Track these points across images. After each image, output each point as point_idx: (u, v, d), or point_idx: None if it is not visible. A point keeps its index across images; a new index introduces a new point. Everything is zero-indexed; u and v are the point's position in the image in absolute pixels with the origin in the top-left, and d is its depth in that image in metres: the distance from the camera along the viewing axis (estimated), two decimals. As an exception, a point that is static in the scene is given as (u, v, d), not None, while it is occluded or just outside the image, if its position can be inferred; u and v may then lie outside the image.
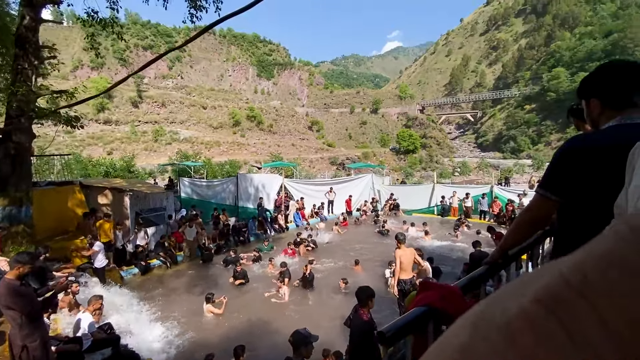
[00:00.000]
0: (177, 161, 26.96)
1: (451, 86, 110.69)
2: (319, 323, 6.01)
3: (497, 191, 15.28)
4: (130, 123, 48.92)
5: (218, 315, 6.38)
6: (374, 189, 17.77)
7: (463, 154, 68.52)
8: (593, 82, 1.25)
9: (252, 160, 44.32)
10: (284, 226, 13.70)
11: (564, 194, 1.20)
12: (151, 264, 9.33)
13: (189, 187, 13.15)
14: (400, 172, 47.68)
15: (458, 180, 43.01)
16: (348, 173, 33.70)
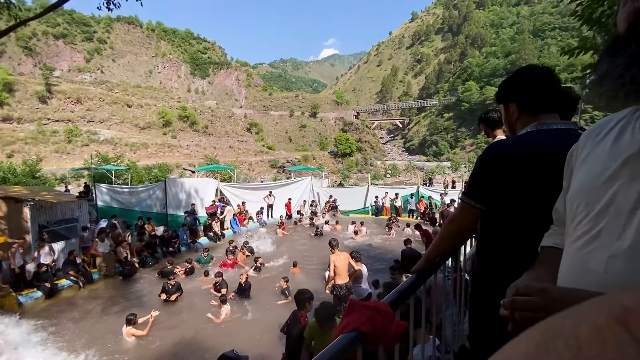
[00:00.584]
0: (95, 165, 23.86)
1: (382, 94, 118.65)
2: (257, 335, 5.86)
3: (423, 191, 16.79)
4: (37, 121, 41.93)
5: (141, 337, 5.77)
6: (313, 192, 18.06)
7: (393, 157, 73.90)
8: (511, 86, 1.25)
9: (185, 164, 41.48)
10: (220, 233, 13.07)
11: (487, 201, 1.17)
12: (59, 284, 8.08)
13: (107, 194, 11.70)
14: (338, 174, 49.31)
15: (390, 181, 46.14)
16: (288, 176, 33.68)
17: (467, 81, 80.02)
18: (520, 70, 1.27)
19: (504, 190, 1.12)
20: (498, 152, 1.16)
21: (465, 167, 44.24)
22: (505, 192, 1.12)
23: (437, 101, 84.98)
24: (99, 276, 8.84)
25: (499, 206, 1.15)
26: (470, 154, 62.33)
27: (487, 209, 1.17)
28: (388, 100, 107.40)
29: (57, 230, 9.85)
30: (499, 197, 1.13)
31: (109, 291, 8.26)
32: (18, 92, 43.31)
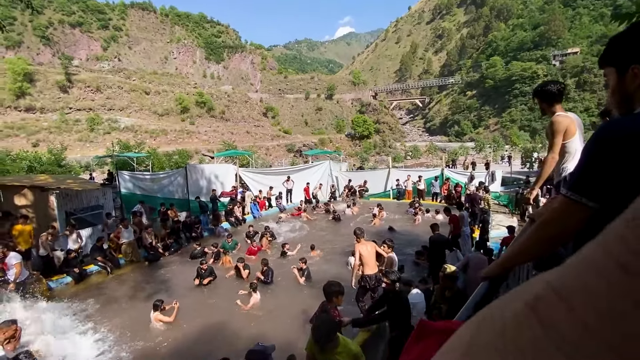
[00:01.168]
0: (117, 152, 24.37)
1: (401, 72, 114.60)
2: (283, 324, 5.71)
3: (448, 173, 16.07)
4: (60, 110, 43.21)
5: (168, 323, 5.76)
6: (332, 176, 17.70)
7: (413, 139, 71.93)
8: (634, 44, 0.93)
9: (204, 150, 41.93)
10: (241, 218, 13.05)
11: (604, 198, 0.89)
12: (87, 270, 8.25)
13: (130, 182, 11.81)
14: (356, 157, 48.58)
15: (410, 163, 45.03)
16: (305, 160, 33.41)
17: (491, 56, 75.73)
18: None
19: (628, 184, 0.84)
20: (621, 132, 0.86)
21: (490, 147, 42.25)
22: (629, 186, 0.83)
23: (459, 78, 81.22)
24: (125, 262, 8.99)
25: (617, 205, 0.79)
26: (494, 133, 59.62)
27: (600, 207, 0.89)
28: (407, 79, 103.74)
29: (84, 217, 10.06)
30: (620, 192, 0.85)
31: (135, 276, 8.38)
32: (39, 82, 44.56)
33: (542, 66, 64.82)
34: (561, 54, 64.68)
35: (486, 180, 14.95)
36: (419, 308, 5.29)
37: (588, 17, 70.17)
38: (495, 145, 43.48)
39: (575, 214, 0.92)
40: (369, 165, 37.27)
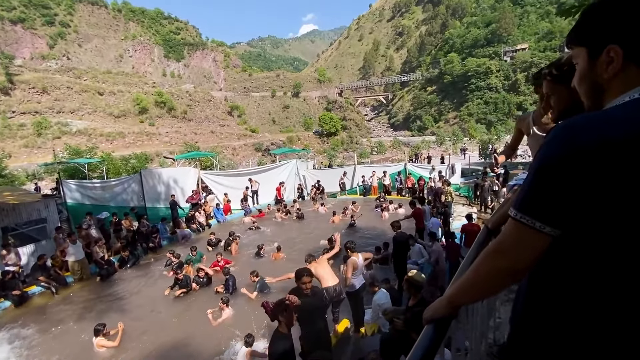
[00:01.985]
0: (66, 158, 22.49)
1: (365, 70, 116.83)
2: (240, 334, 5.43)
3: (410, 168, 16.54)
4: (1, 115, 39.12)
5: (113, 348, 5.32)
6: (299, 175, 17.55)
7: (379, 134, 73.60)
8: (612, 14, 0.72)
9: (166, 152, 39.97)
10: (205, 224, 12.54)
11: (565, 222, 0.69)
12: (29, 292, 7.50)
13: (77, 191, 10.85)
14: (324, 154, 48.76)
15: (376, 158, 45.98)
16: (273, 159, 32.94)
17: (449, 53, 79.15)
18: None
19: (597, 203, 0.65)
20: (586, 135, 0.64)
21: (450, 140, 44.26)
22: (599, 205, 0.65)
23: (419, 75, 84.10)
24: (74, 280, 8.27)
25: (584, 230, 0.69)
26: (454, 126, 62.52)
27: (561, 233, 0.70)
28: (371, 76, 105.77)
29: (26, 233, 9.16)
30: (588, 215, 0.67)
31: (85, 295, 7.72)
32: (-24, 83, 40.12)
33: (495, 62, 68.77)
34: (512, 50, 68.99)
35: (446, 173, 15.58)
36: (385, 308, 5.29)
37: (535, 15, 75.38)
38: (455, 138, 45.60)
39: (529, 241, 0.72)
40: (337, 162, 37.51)
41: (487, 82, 66.85)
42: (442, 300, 1.00)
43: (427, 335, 0.97)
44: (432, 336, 0.96)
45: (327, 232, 11.12)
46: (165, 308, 6.80)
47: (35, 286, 7.70)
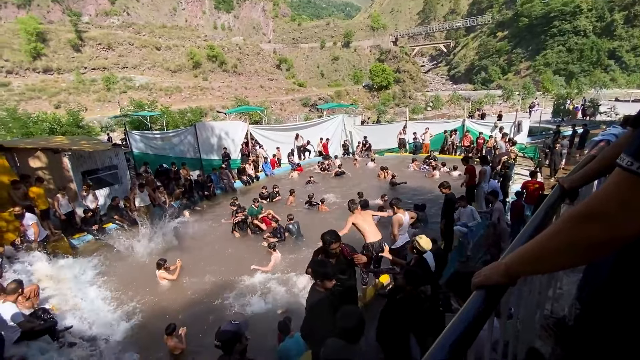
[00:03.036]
0: (131, 112, 24.43)
1: (424, 14, 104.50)
2: (297, 287, 5.64)
3: (469, 124, 15.05)
4: (75, 70, 43.08)
5: (172, 280, 5.98)
6: (345, 131, 17.05)
7: (435, 88, 67.72)
8: None
9: (218, 106, 41.38)
10: (254, 176, 13.02)
11: None
12: (106, 228, 8.60)
13: (141, 142, 11.81)
14: (373, 109, 46.66)
15: (430, 115, 42.84)
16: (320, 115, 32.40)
17: (529, -12, 66.81)
18: None
19: None
20: None
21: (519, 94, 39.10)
22: None
23: (489, 18, 73.16)
24: (141, 220, 9.28)
25: None
26: (525, 79, 54.80)
27: None
28: (431, 21, 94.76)
29: (101, 177, 10.31)
30: None
31: (150, 234, 8.66)
32: (52, 41, 43.90)
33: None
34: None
35: (511, 131, 13.93)
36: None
37: None
38: (525, 93, 40.14)
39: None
40: (386, 118, 35.71)
41: (574, 24, 55.94)
42: (499, 266, 0.87)
43: (475, 303, 0.83)
44: (480, 305, 0.83)
45: (375, 189, 10.93)
46: (219, 249, 7.43)
47: (111, 224, 8.80)
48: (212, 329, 4.63)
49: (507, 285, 0.88)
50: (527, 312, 1.34)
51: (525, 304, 1.31)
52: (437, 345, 0.70)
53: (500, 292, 0.87)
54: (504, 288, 0.88)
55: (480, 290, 0.86)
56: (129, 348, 4.53)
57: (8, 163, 7.67)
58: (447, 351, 0.68)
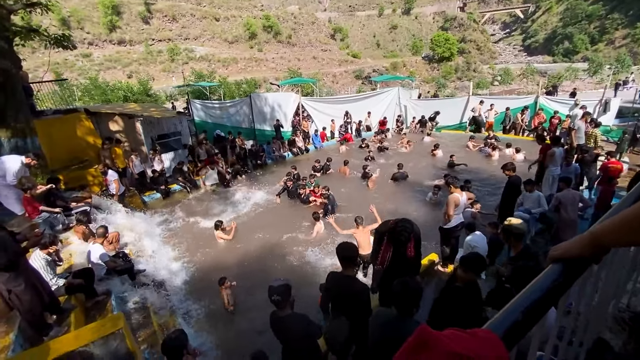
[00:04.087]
0: (192, 82, 25.88)
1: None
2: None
3: (543, 101, 13.38)
4: (144, 42, 46.45)
5: (228, 240, 6.50)
6: (400, 105, 16.26)
7: (506, 60, 60.67)
8: None
9: (271, 78, 41.99)
10: (304, 148, 13.19)
11: None
12: (171, 188, 9.49)
13: (201, 110, 12.56)
14: (432, 83, 43.66)
15: (497, 90, 38.91)
16: (373, 87, 31.22)
17: None
18: None
19: None
20: None
21: (610, 68, 33.31)
22: None
23: (582, -25, 62.11)
24: (201, 184, 10.10)
25: None
26: (620, 49, 46.44)
27: None
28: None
29: (167, 142, 11.27)
30: None
31: (209, 197, 9.41)
32: (124, 14, 47.36)
33: None
34: None
35: (595, 112, 12.12)
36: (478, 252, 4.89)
37: None
38: (618, 66, 34.07)
39: None
40: (445, 93, 33.27)
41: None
42: (583, 237, 0.79)
43: (551, 275, 0.75)
44: (557, 278, 0.74)
45: (428, 168, 10.49)
46: (269, 215, 7.84)
47: (175, 185, 9.68)
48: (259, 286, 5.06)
49: (590, 260, 0.80)
50: (600, 301, 1.27)
51: (600, 293, 1.24)
52: (508, 308, 0.67)
53: (581, 268, 0.79)
54: (585, 264, 0.80)
55: (558, 264, 0.79)
56: (188, 294, 5.15)
57: (93, 125, 8.73)
58: (517, 315, 0.65)
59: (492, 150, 11.12)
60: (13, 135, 6.26)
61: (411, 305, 1.95)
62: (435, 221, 6.59)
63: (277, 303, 2.34)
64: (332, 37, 66.18)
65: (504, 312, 0.67)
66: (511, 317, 0.66)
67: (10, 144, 6.28)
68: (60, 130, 7.87)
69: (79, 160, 8.15)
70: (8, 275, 2.88)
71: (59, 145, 7.64)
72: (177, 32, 49.67)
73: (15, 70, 6.43)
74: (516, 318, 0.66)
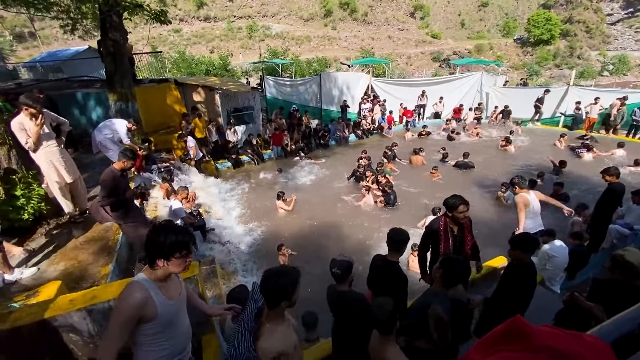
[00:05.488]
0: (267, 59, 26.85)
1: None
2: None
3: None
4: (227, 19, 49.26)
5: (288, 211, 6.80)
6: (482, 92, 14.73)
7: (623, 46, 50.35)
8: None
9: (342, 58, 41.38)
10: (369, 131, 12.90)
11: None
12: (241, 159, 10.17)
13: (273, 87, 13.02)
14: (522, 70, 38.63)
15: (604, 82, 32.91)
16: (452, 72, 28.88)
17: None
18: None
19: None
20: None
21: None
22: None
23: None
24: (268, 157, 10.65)
25: None
26: None
27: None
28: (642, -53, 67.72)
29: (240, 115, 12.01)
30: None
31: (274, 170, 9.86)
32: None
33: None
34: None
35: None
36: (556, 263, 4.33)
37: None
38: None
39: None
40: (538, 82, 29.15)
41: None
42: None
43: None
44: None
45: (496, 163, 9.53)
46: (330, 192, 7.99)
47: (245, 156, 10.33)
48: (311, 258, 5.26)
49: None
50: None
51: None
52: (622, 318, 0.56)
53: None
54: None
55: None
56: (248, 255, 5.61)
57: (180, 95, 9.67)
58: (634, 327, 0.55)
59: (587, 152, 9.55)
60: (118, 99, 7.24)
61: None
62: (503, 223, 6.07)
63: (336, 276, 2.39)
64: (412, 15, 62.05)
65: (616, 322, 0.56)
66: (625, 327, 0.56)
67: (115, 106, 7.30)
68: (154, 97, 8.89)
69: (167, 125, 9.15)
70: (119, 214, 3.55)
71: (152, 111, 8.65)
72: (257, 9, 51.48)
73: (123, 41, 7.34)
74: (632, 329, 0.55)
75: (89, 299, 2.23)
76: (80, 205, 4.43)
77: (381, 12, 56.39)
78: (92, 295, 2.27)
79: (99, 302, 2.21)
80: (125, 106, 7.33)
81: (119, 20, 7.11)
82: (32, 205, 3.88)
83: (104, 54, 7.16)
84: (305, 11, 53.09)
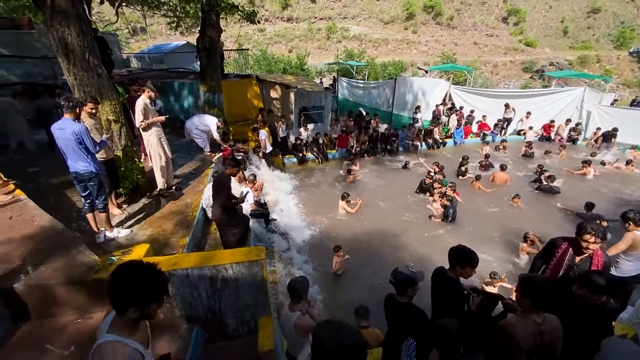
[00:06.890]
0: (342, 60, 27.15)
1: None
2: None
3: None
4: (308, 20, 51.14)
5: (351, 213, 6.78)
6: (582, 109, 12.83)
7: None
8: None
9: (420, 62, 39.80)
10: (441, 141, 12.17)
11: None
12: (307, 156, 10.48)
13: (346, 89, 13.11)
14: (636, 87, 32.69)
15: None
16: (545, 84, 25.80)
17: None
18: None
19: None
20: None
21: None
22: None
23: None
24: (332, 157, 10.77)
25: None
26: None
27: None
28: None
29: (310, 114, 12.36)
30: None
31: (337, 171, 9.96)
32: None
33: None
34: None
35: None
36: None
37: None
38: None
39: None
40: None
41: None
42: None
43: None
44: None
45: (579, 188, 8.25)
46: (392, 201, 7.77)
47: (310, 153, 10.62)
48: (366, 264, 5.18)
49: None
50: None
51: None
52: None
53: None
54: None
55: None
56: (305, 250, 5.77)
57: (259, 91, 10.34)
58: None
59: None
60: (207, 90, 8.03)
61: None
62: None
63: (393, 285, 2.32)
64: (504, 20, 56.82)
65: None
66: None
67: (204, 96, 8.11)
68: (237, 91, 9.66)
69: (245, 118, 9.86)
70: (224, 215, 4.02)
71: (234, 103, 9.41)
72: (338, 10, 52.40)
73: (217, 38, 8.10)
74: None
75: (172, 264, 2.52)
76: (169, 181, 5.03)
77: (469, 17, 52.81)
78: (174, 261, 2.56)
79: (179, 269, 2.48)
80: (212, 97, 8.10)
81: (217, 19, 7.86)
82: (133, 176, 4.55)
83: (201, 49, 7.99)
84: (386, 14, 52.40)
